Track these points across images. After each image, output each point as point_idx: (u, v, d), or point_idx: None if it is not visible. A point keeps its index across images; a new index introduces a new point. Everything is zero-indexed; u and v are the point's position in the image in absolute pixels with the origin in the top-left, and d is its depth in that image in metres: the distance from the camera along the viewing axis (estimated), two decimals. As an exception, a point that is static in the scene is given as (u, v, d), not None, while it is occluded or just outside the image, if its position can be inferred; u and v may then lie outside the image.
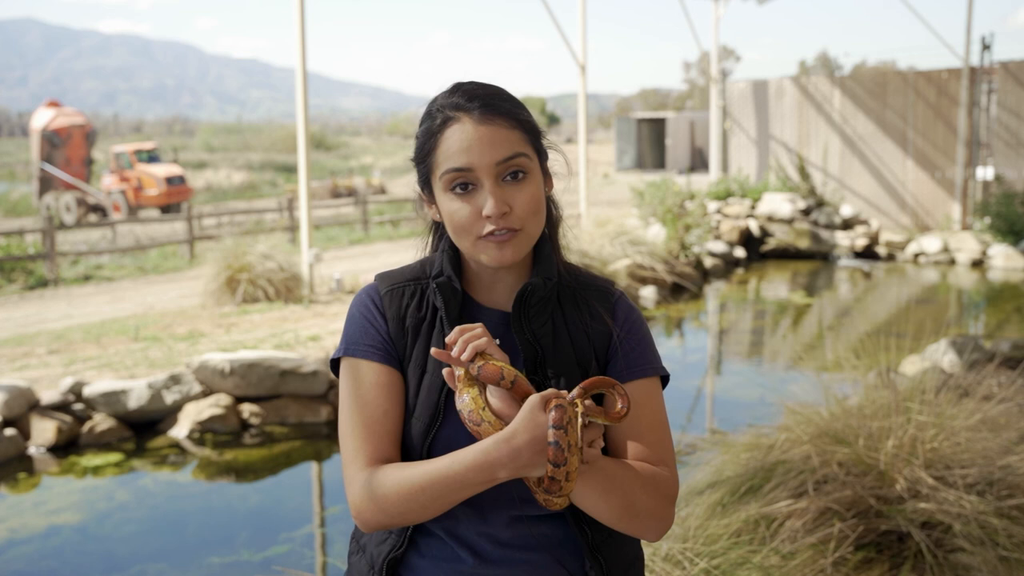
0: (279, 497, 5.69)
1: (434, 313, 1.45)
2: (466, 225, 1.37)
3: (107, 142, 41.19)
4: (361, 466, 1.37)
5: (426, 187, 1.45)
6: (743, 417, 6.01)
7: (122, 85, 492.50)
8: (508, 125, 1.37)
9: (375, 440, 1.38)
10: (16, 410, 6.13)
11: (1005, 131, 15.21)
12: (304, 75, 9.73)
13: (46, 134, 23.05)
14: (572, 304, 1.47)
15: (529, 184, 1.38)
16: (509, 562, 1.39)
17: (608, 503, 1.33)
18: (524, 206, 1.37)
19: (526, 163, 1.38)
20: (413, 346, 1.43)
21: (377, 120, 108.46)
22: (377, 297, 1.46)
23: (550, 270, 1.44)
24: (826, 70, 62.79)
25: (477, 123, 1.36)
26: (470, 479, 1.27)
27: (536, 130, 1.43)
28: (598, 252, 11.18)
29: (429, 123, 1.41)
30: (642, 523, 1.36)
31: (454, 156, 1.36)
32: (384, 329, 1.44)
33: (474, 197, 1.37)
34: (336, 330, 8.31)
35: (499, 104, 1.39)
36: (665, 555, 2.84)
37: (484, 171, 1.35)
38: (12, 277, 12.65)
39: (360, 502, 1.35)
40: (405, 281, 1.48)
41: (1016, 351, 6.53)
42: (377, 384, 1.41)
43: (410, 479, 1.31)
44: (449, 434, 1.38)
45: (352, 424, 1.39)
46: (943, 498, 3.26)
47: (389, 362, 1.42)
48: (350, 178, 31.29)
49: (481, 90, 1.40)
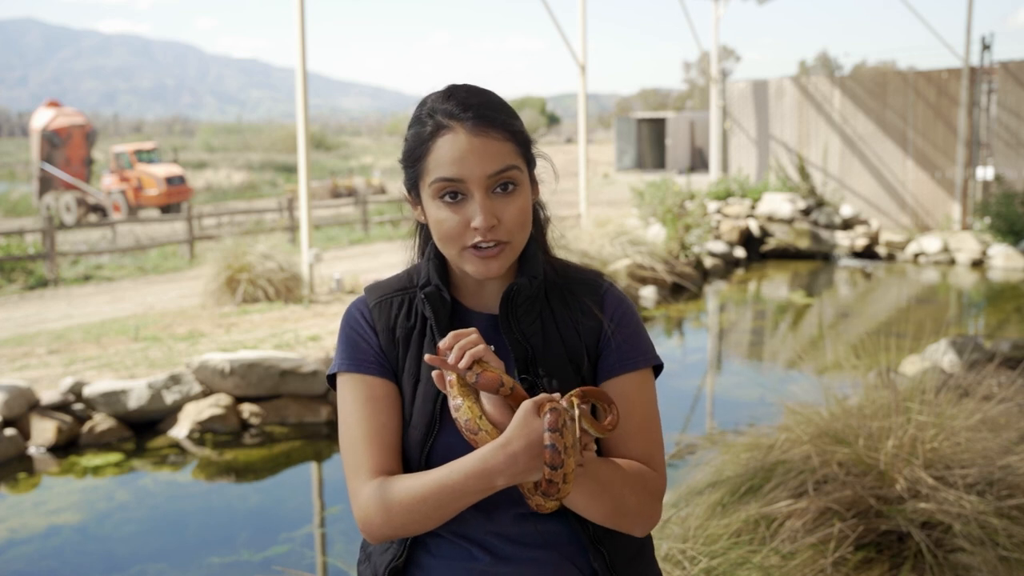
0: (279, 497, 5.69)
1: (424, 322, 1.45)
2: (453, 235, 1.37)
3: (107, 142, 41.19)
4: (365, 479, 1.38)
5: (413, 190, 1.45)
6: (743, 417, 6.01)
7: (122, 85, 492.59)
8: (501, 137, 1.37)
9: (376, 453, 1.39)
10: (16, 410, 6.13)
11: (1005, 131, 15.21)
12: (304, 75, 9.72)
13: (46, 134, 23.05)
14: (561, 301, 1.47)
15: (518, 197, 1.38)
16: (519, 559, 1.40)
17: (598, 505, 1.34)
18: (512, 219, 1.37)
19: (517, 175, 1.38)
20: (405, 356, 1.44)
21: (377, 120, 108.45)
22: (366, 310, 1.47)
23: (536, 269, 1.44)
24: (826, 70, 62.80)
25: (470, 134, 1.35)
26: (469, 487, 1.28)
27: (527, 141, 1.43)
28: (598, 252, 11.19)
29: (420, 128, 1.40)
30: (630, 521, 1.38)
31: (445, 166, 1.36)
32: (375, 342, 1.44)
33: (463, 207, 1.36)
34: (336, 330, 8.30)
35: (493, 116, 1.38)
36: (665, 555, 2.84)
37: (475, 183, 1.35)
38: (12, 277, 12.65)
39: (367, 515, 1.36)
40: (393, 292, 1.49)
41: (1016, 351, 6.53)
42: (373, 397, 1.41)
43: (411, 490, 1.32)
44: (447, 441, 1.39)
45: (352, 439, 1.40)
46: (943, 498, 3.26)
47: (383, 374, 1.43)
48: (350, 178, 31.28)
49: (476, 98, 1.39)
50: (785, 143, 17.23)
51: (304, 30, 9.64)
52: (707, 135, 27.51)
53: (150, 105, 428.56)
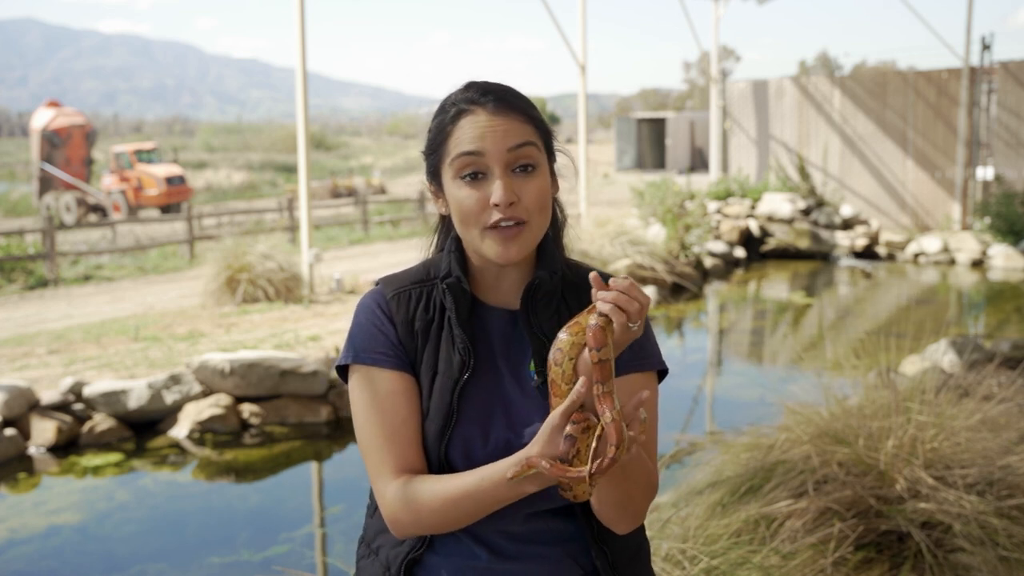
0: (279, 497, 5.69)
1: (442, 314, 1.45)
2: (473, 213, 1.38)
3: (107, 142, 41.14)
4: (390, 477, 1.39)
5: (435, 178, 1.46)
6: (743, 417, 6.01)
7: (122, 85, 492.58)
8: (521, 119, 1.40)
9: (398, 449, 1.39)
10: (16, 410, 6.13)
11: (1005, 131, 15.21)
12: (304, 75, 9.72)
13: (46, 134, 23.05)
14: (575, 299, 1.48)
15: (538, 178, 1.40)
16: (523, 557, 1.42)
17: (610, 489, 1.36)
18: (532, 198, 1.38)
19: (536, 155, 1.40)
20: (423, 349, 1.44)
21: (377, 120, 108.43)
22: (384, 302, 1.46)
23: (555, 264, 1.46)
24: (826, 70, 62.80)
25: (491, 114, 1.38)
26: (501, 495, 1.31)
27: (547, 130, 1.45)
28: (598, 252, 11.19)
29: (442, 116, 1.43)
30: (628, 516, 1.40)
31: (466, 142, 1.38)
32: (393, 334, 1.44)
33: (483, 185, 1.38)
34: (336, 330, 8.31)
35: (513, 100, 1.41)
36: (665, 555, 2.84)
37: (495, 158, 1.37)
38: (12, 277, 12.65)
39: (395, 513, 1.38)
40: (411, 284, 1.48)
41: (1016, 351, 6.53)
42: (393, 392, 1.41)
43: (445, 493, 1.34)
44: (464, 433, 1.40)
45: (373, 436, 1.40)
46: (943, 498, 3.26)
47: (402, 367, 1.43)
48: (350, 178, 31.29)
49: (496, 87, 1.43)
50: (785, 143, 17.22)
51: (304, 30, 9.64)
52: (707, 135, 27.50)
53: (150, 105, 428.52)
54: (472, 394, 1.41)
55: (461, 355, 1.41)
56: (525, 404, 1.42)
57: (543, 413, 1.40)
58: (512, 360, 1.45)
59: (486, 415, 1.41)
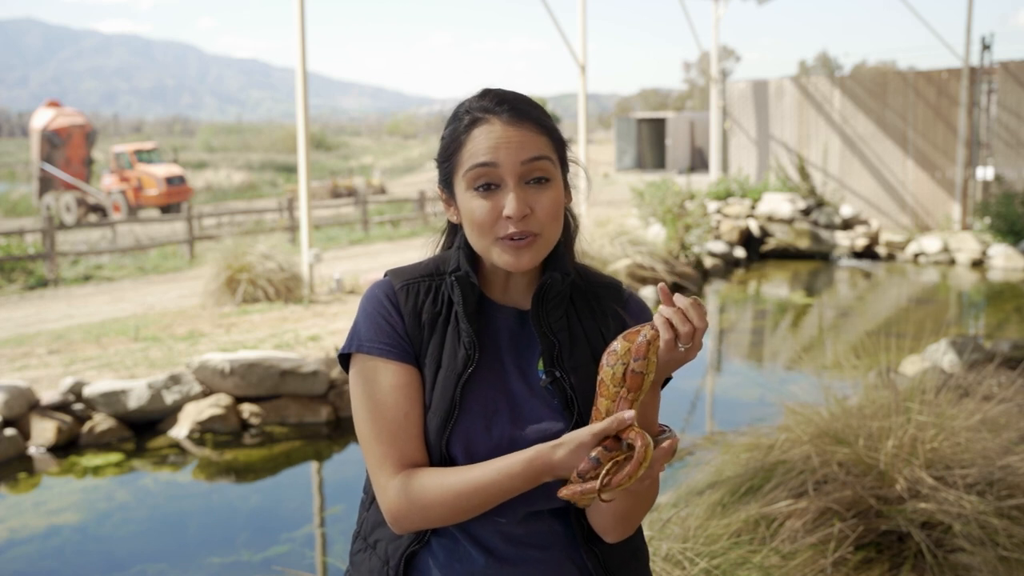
0: (279, 497, 5.69)
1: (449, 308, 1.45)
2: (486, 225, 1.38)
3: (107, 142, 41.14)
4: (391, 472, 1.38)
5: (447, 187, 1.45)
6: (743, 417, 6.01)
7: (122, 85, 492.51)
8: (536, 131, 1.39)
9: (400, 444, 1.39)
10: (16, 410, 6.13)
11: (1005, 131, 15.20)
12: (304, 75, 9.72)
13: (46, 134, 23.05)
14: (584, 302, 1.49)
15: (551, 190, 1.40)
16: (520, 559, 1.41)
17: (614, 507, 1.38)
18: (545, 210, 1.38)
19: (550, 168, 1.40)
20: (429, 341, 1.43)
21: (377, 120, 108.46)
22: (392, 293, 1.46)
23: (565, 266, 1.46)
24: (826, 70, 62.78)
25: (506, 124, 1.38)
26: (517, 487, 1.32)
27: (562, 141, 1.45)
28: (598, 252, 11.18)
29: (456, 124, 1.42)
30: (624, 525, 1.42)
31: (480, 153, 1.37)
32: (400, 326, 1.43)
33: (496, 197, 1.37)
34: (336, 330, 8.31)
35: (528, 110, 1.41)
36: (665, 555, 2.84)
37: (508, 170, 1.37)
38: (12, 277, 12.65)
39: (397, 508, 1.37)
40: (419, 276, 1.48)
41: (1016, 351, 6.53)
42: (395, 386, 1.40)
43: (455, 487, 1.34)
44: (465, 427, 1.39)
45: (374, 430, 1.39)
46: (943, 498, 3.26)
47: (406, 360, 1.42)
48: (350, 178, 31.28)
49: (511, 96, 1.42)
50: (785, 143, 17.22)
51: (304, 30, 9.64)
52: (707, 135, 27.49)
53: (150, 105, 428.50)
54: (475, 389, 1.41)
55: (466, 348, 1.41)
56: (531, 401, 1.42)
57: (550, 411, 1.40)
58: (519, 358, 1.45)
59: (490, 410, 1.41)
